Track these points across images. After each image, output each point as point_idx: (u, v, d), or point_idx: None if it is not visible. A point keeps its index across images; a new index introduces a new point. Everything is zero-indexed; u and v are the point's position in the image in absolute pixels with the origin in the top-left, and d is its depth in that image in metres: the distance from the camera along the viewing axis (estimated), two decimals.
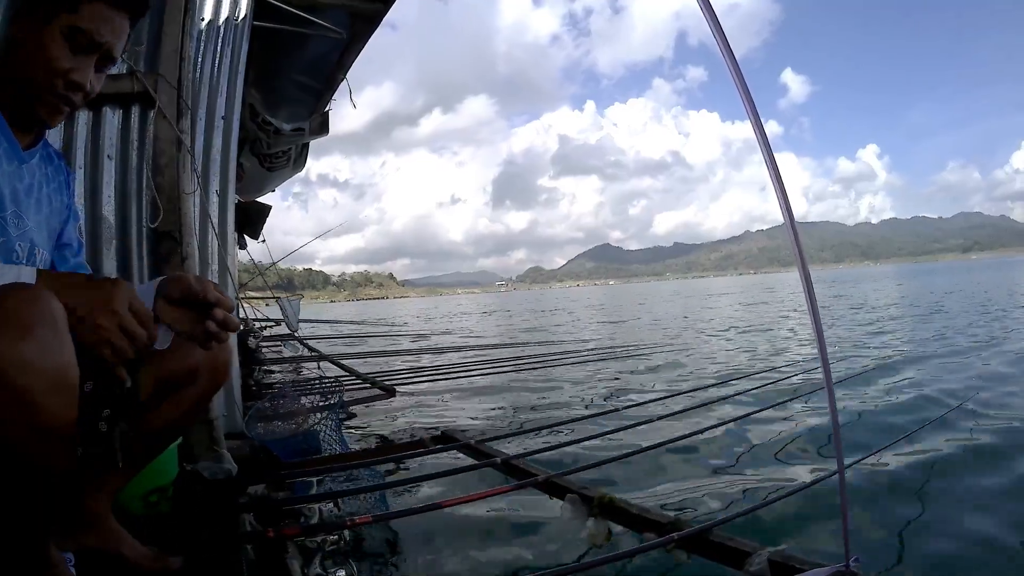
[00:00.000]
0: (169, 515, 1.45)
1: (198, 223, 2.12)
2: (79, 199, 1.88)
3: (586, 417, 3.27)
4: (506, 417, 3.69)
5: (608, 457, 2.09)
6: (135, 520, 1.28)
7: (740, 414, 3.05)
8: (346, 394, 3.57)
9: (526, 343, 8.76)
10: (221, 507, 1.56)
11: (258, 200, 5.81)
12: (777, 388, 3.86)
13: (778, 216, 1.04)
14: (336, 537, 1.58)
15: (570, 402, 4.08)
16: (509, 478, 1.90)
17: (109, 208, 1.96)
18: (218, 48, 2.30)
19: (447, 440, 2.38)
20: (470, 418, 3.70)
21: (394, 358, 7.11)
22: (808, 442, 2.72)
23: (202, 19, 2.25)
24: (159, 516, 1.43)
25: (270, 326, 8.85)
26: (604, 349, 7.29)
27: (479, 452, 2.17)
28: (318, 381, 4.20)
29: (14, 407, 0.64)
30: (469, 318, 21.71)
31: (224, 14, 2.31)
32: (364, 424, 3.55)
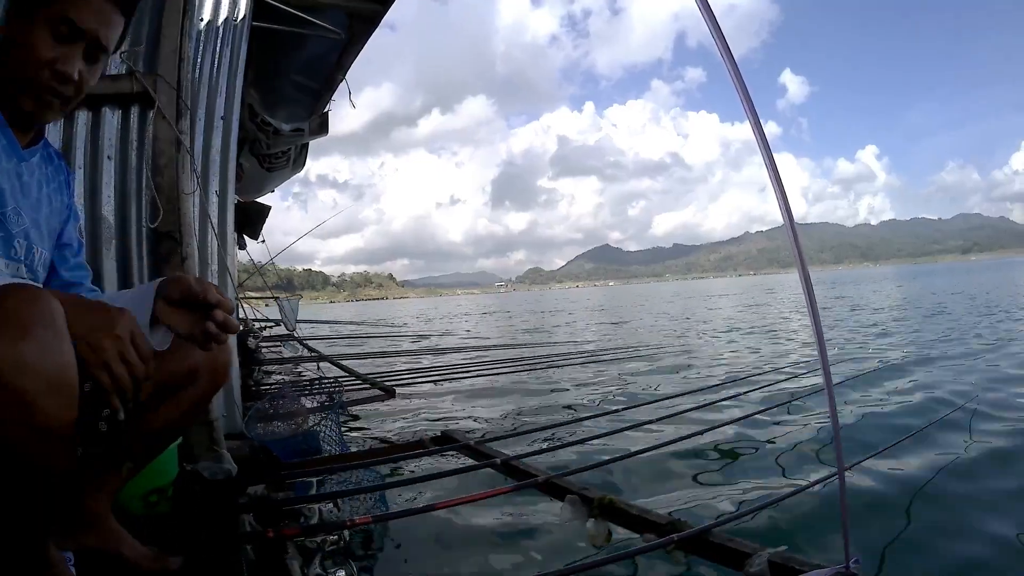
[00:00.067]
0: (169, 515, 1.45)
1: (198, 223, 2.12)
2: (79, 199, 1.88)
3: (586, 418, 3.26)
4: (506, 418, 3.68)
5: (608, 458, 2.09)
6: (135, 520, 1.28)
7: (741, 415, 3.04)
8: (346, 394, 3.57)
9: (526, 344, 8.76)
10: (221, 507, 1.56)
11: (258, 200, 5.80)
12: (778, 389, 3.85)
13: (777, 217, 1.05)
14: (336, 537, 1.58)
15: (570, 403, 4.07)
16: (509, 479, 1.90)
17: (109, 208, 1.96)
18: (217, 48, 2.30)
19: (447, 441, 2.38)
20: (470, 419, 3.70)
21: (394, 359, 7.10)
22: (809, 443, 2.72)
23: (201, 20, 2.25)
24: (159, 516, 1.43)
25: (270, 326, 8.85)
26: (604, 350, 7.28)
27: (479, 453, 2.17)
28: (318, 381, 4.20)
29: (14, 407, 0.64)
30: (469, 319, 21.70)
31: (223, 14, 2.32)
32: (364, 425, 3.55)
